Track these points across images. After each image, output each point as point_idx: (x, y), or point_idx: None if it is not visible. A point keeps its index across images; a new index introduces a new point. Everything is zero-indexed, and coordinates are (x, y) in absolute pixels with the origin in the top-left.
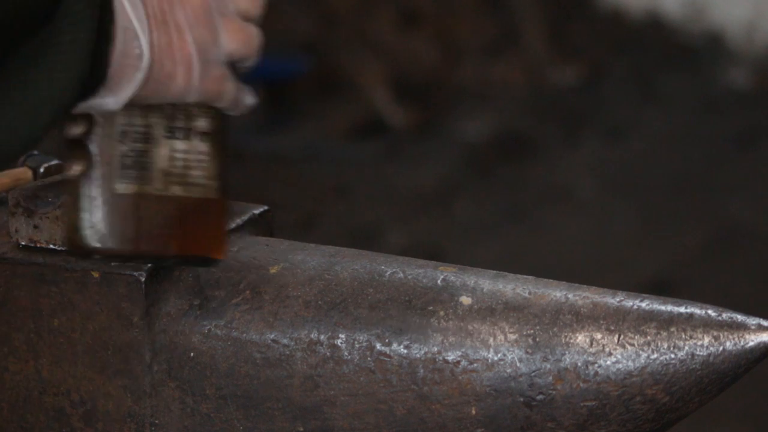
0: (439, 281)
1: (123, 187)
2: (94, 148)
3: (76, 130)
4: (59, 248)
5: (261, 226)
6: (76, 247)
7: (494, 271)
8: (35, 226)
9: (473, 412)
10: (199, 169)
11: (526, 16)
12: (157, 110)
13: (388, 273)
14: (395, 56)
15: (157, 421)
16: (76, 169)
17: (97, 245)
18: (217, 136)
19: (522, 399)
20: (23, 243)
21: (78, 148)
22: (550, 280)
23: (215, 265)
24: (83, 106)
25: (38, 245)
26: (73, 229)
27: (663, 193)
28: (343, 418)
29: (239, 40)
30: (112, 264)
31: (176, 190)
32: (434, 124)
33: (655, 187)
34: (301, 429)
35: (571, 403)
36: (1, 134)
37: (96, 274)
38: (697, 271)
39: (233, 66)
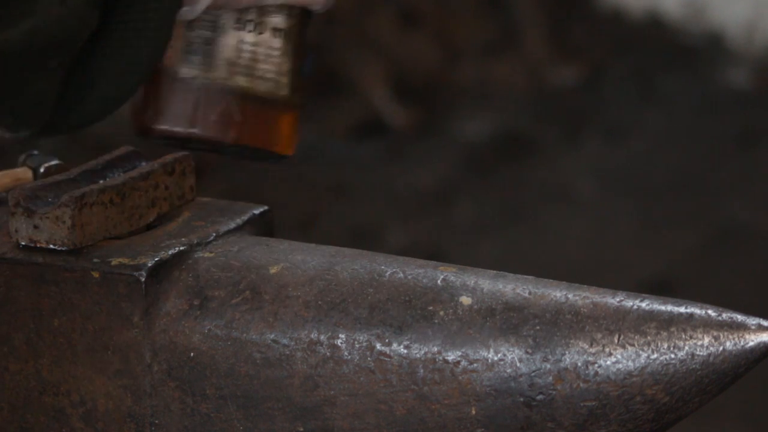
0: (439, 281)
1: (185, 71)
2: None
3: None
4: (59, 248)
5: (261, 226)
6: (140, 128)
7: (494, 271)
8: (35, 226)
9: (473, 412)
10: (268, 63)
11: (526, 16)
12: None
13: (388, 273)
14: (395, 56)
15: (157, 421)
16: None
17: (158, 126)
18: (293, 35)
19: (522, 399)
20: (23, 243)
21: None
22: (550, 280)
23: (278, 161)
24: None
25: (38, 245)
26: (138, 108)
27: (663, 193)
28: (343, 418)
29: None
30: (112, 264)
31: (240, 81)
32: (434, 124)
33: (655, 187)
34: (301, 429)
35: (571, 403)
36: (118, 80)
37: (96, 274)
38: (697, 271)
39: None
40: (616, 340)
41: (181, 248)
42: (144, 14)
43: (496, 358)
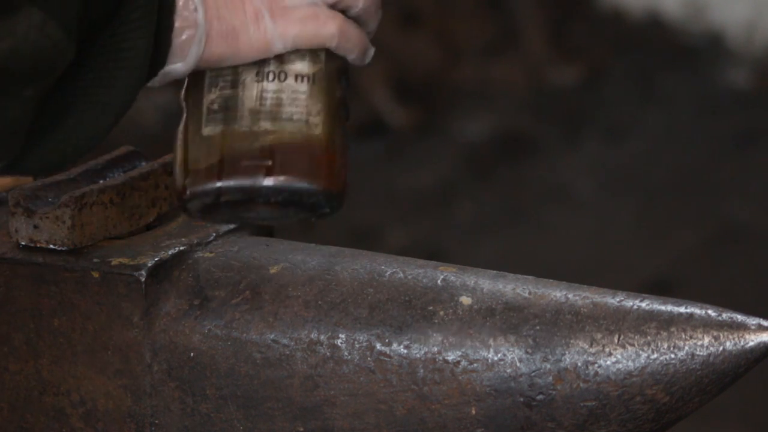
0: (439, 281)
1: (209, 130)
2: (183, 100)
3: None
4: (59, 248)
5: (261, 226)
6: (179, 199)
7: (494, 271)
8: (35, 226)
9: (473, 412)
10: (294, 106)
11: (526, 16)
12: None
13: (388, 273)
14: (395, 56)
15: (157, 421)
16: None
17: (191, 189)
18: (320, 78)
19: (522, 399)
20: (23, 243)
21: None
22: (550, 280)
23: (331, 203)
24: (156, 80)
25: (38, 245)
26: (173, 183)
27: (663, 193)
28: (343, 418)
29: None
30: (112, 264)
31: (265, 125)
32: (434, 124)
33: (655, 187)
34: (301, 429)
35: (571, 403)
36: (86, 129)
37: (96, 274)
38: (697, 271)
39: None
40: (616, 340)
41: (181, 248)
42: (120, 54)
43: (496, 358)
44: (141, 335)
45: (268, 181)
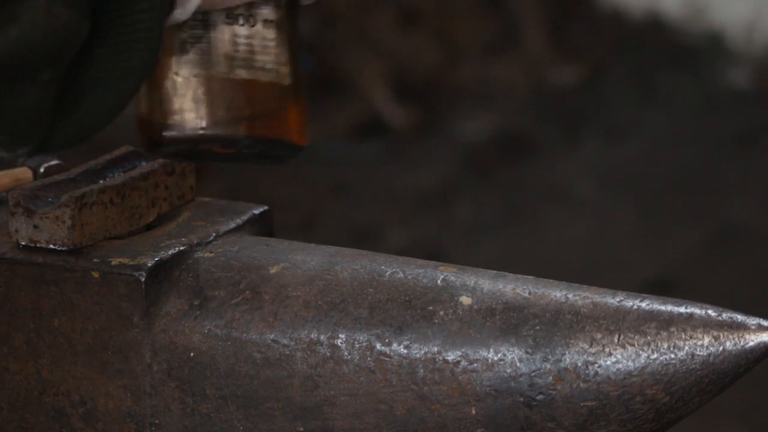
0: (439, 281)
1: (184, 72)
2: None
3: None
4: (59, 248)
5: (261, 226)
6: (150, 141)
7: (494, 271)
8: (35, 226)
9: (473, 412)
10: (266, 54)
11: (526, 16)
12: None
13: (388, 273)
14: (395, 56)
15: (157, 421)
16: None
17: (168, 134)
18: (284, 25)
19: (522, 399)
20: (23, 243)
21: None
22: (550, 280)
23: (294, 154)
24: None
25: (38, 245)
26: (143, 122)
27: (663, 193)
28: (343, 418)
29: None
30: (112, 264)
31: (241, 73)
32: (434, 124)
33: (655, 187)
34: (301, 429)
35: (571, 403)
36: (113, 88)
37: (96, 274)
38: (697, 271)
39: None
40: (616, 340)
41: (181, 248)
42: (135, 18)
43: (496, 358)
44: (141, 335)
45: (247, 131)
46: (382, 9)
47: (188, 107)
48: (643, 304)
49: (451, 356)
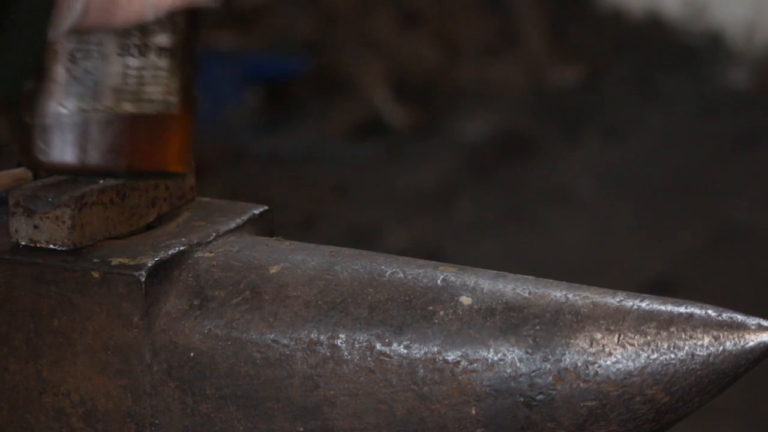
0: (439, 281)
1: (71, 105)
2: (46, 67)
3: None
4: (59, 248)
5: (261, 226)
6: (31, 162)
7: (494, 271)
8: (35, 226)
9: (473, 412)
10: (156, 85)
11: (526, 16)
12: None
13: (388, 273)
14: (395, 56)
15: (157, 421)
16: (29, 86)
17: (49, 160)
18: (179, 50)
19: (522, 399)
20: (23, 243)
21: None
22: (550, 280)
23: (175, 178)
24: None
25: (38, 245)
26: (26, 143)
27: (663, 193)
28: (343, 418)
29: None
30: (112, 264)
31: (128, 107)
32: (434, 124)
33: (655, 187)
34: (301, 429)
35: (571, 403)
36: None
37: (96, 274)
38: (697, 271)
39: None
40: (616, 340)
41: (181, 248)
42: (18, 18)
43: (496, 358)
44: (141, 335)
45: (127, 167)
46: (382, 9)
47: (73, 139)
48: (643, 304)
49: (451, 356)
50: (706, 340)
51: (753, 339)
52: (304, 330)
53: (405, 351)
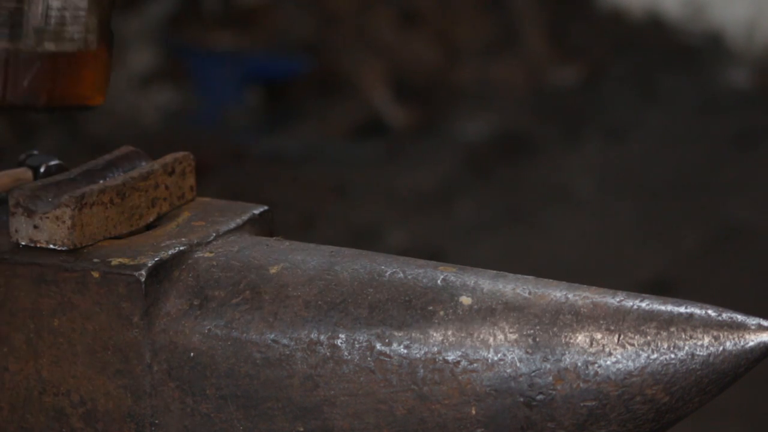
0: (439, 281)
1: None
2: None
3: None
4: (59, 248)
5: (261, 226)
6: None
7: (494, 271)
8: (35, 226)
9: (473, 412)
10: (76, 24)
11: (526, 16)
12: None
13: (388, 273)
14: (395, 56)
15: (157, 421)
16: None
17: None
18: None
19: (522, 399)
20: (23, 243)
21: None
22: (550, 280)
23: (92, 110)
24: None
25: (38, 245)
26: None
27: (663, 193)
28: (343, 418)
29: None
30: (112, 264)
31: (49, 46)
32: (434, 124)
33: (655, 187)
34: (301, 429)
35: (571, 403)
36: None
37: (96, 274)
38: (697, 271)
39: None
40: (616, 340)
41: (181, 248)
42: None
43: (496, 358)
44: (141, 335)
45: (46, 103)
46: (382, 9)
47: None
48: (643, 304)
49: (451, 356)
50: (706, 340)
51: (753, 339)
52: (304, 330)
53: (405, 351)
